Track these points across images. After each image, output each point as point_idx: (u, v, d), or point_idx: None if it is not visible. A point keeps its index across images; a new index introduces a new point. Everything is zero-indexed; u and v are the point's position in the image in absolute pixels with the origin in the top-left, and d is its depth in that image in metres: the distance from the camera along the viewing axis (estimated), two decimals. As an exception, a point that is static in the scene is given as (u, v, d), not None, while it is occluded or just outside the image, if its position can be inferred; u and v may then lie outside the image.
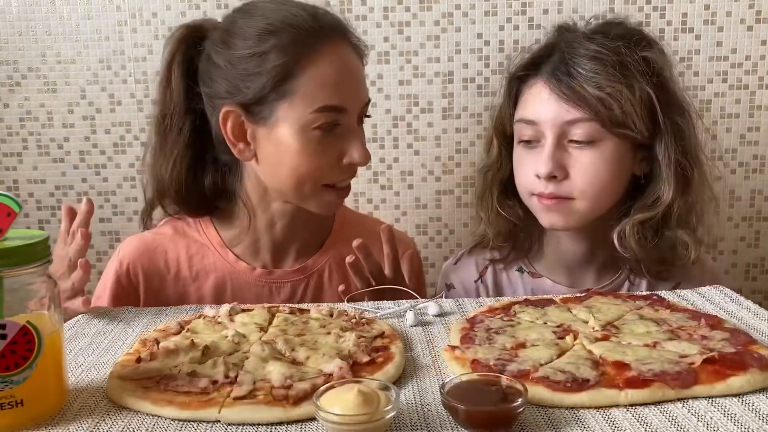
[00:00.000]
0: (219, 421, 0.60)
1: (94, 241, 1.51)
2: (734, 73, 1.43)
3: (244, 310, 0.85)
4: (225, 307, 0.85)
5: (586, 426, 0.58)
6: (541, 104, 0.99)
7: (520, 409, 0.57)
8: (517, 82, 1.05)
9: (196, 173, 1.04)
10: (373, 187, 1.50)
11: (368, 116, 1.03)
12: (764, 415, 0.59)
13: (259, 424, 0.60)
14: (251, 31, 0.94)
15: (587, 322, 0.79)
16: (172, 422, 0.60)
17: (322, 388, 0.60)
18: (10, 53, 1.43)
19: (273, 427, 0.59)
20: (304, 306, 0.90)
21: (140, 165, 1.31)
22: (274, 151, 0.96)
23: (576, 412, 0.60)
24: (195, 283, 1.05)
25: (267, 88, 0.93)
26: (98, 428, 0.59)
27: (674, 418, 0.59)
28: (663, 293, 0.91)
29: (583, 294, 0.91)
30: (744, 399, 0.62)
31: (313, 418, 0.60)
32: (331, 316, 0.84)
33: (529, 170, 1.02)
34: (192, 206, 1.07)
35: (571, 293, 1.06)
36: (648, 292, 0.91)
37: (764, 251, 1.51)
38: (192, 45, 1.01)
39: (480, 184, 1.13)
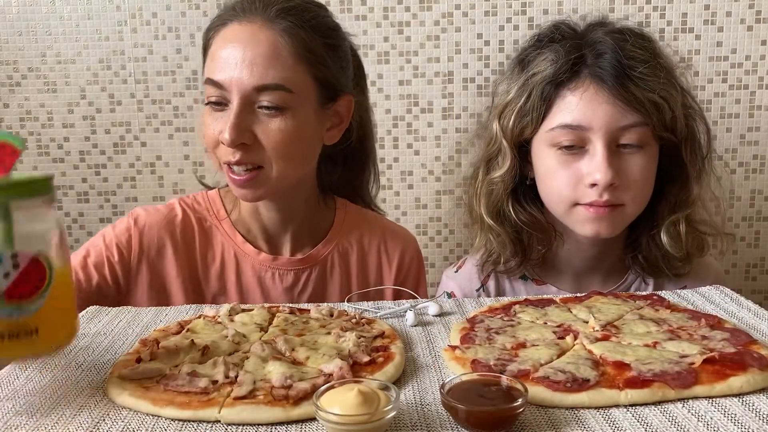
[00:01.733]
0: (219, 421, 0.60)
1: (94, 241, 1.51)
2: (734, 73, 1.43)
3: (244, 310, 0.85)
4: (225, 307, 0.85)
5: (586, 426, 0.58)
6: (594, 108, 0.94)
7: (520, 409, 0.57)
8: (553, 86, 0.97)
9: None
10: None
11: (277, 108, 0.94)
12: (764, 415, 0.59)
13: (259, 424, 0.60)
14: None
15: (587, 322, 0.79)
16: (172, 422, 0.60)
17: (322, 388, 0.60)
18: (10, 53, 1.43)
19: (273, 427, 0.59)
20: (304, 306, 0.90)
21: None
22: None
23: (576, 412, 0.60)
24: (203, 261, 1.06)
25: (203, 61, 1.01)
26: (98, 428, 0.59)
27: (674, 418, 0.59)
28: (663, 293, 0.91)
29: (584, 294, 0.91)
30: (744, 399, 0.62)
31: (313, 418, 0.60)
32: (331, 316, 0.84)
33: (573, 179, 0.96)
34: None
35: None
36: (648, 293, 0.91)
37: (764, 251, 1.51)
38: None
39: (489, 198, 1.06)
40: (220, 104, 0.96)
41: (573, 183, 0.96)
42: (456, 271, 1.16)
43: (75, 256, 1.03)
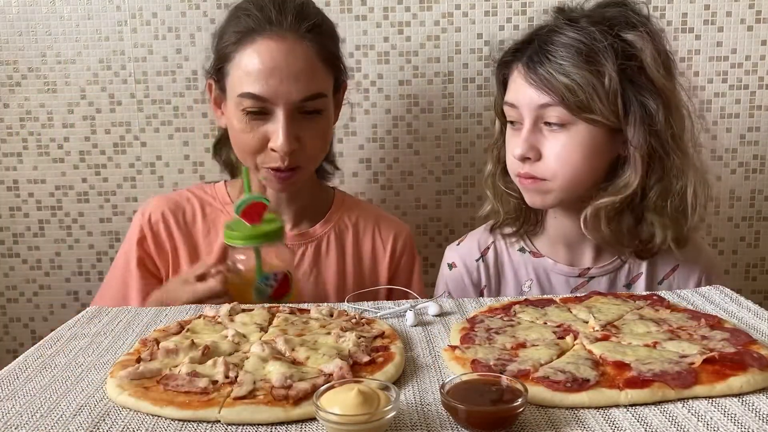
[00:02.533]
0: (219, 421, 0.60)
1: (95, 241, 1.51)
2: (734, 73, 1.43)
3: (244, 310, 0.85)
4: (225, 307, 0.85)
5: (586, 426, 0.58)
6: (518, 89, 1.03)
7: (520, 409, 0.57)
8: (503, 68, 1.08)
9: (222, 138, 1.21)
10: (373, 187, 1.50)
11: (317, 111, 1.06)
12: (764, 415, 0.59)
13: (259, 424, 0.60)
14: (223, 20, 1.10)
15: (587, 322, 0.79)
16: (172, 422, 0.60)
17: (322, 388, 0.60)
18: (10, 53, 1.43)
19: (273, 427, 0.59)
20: (304, 306, 0.90)
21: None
22: (227, 123, 1.10)
23: (576, 412, 0.60)
24: (207, 238, 1.15)
25: (215, 67, 1.08)
26: (98, 428, 0.59)
27: (674, 418, 0.59)
28: (663, 293, 0.91)
29: (584, 294, 0.92)
30: (744, 399, 0.62)
31: (313, 418, 0.60)
32: (331, 316, 0.84)
33: (512, 151, 1.05)
34: (225, 164, 1.23)
35: (571, 272, 1.10)
36: (648, 292, 0.92)
37: (764, 251, 1.51)
38: None
39: (488, 161, 1.16)
40: (261, 113, 1.03)
41: (512, 155, 1.05)
42: (458, 245, 1.21)
43: (115, 271, 1.15)
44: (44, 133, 1.46)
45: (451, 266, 1.18)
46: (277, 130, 1.03)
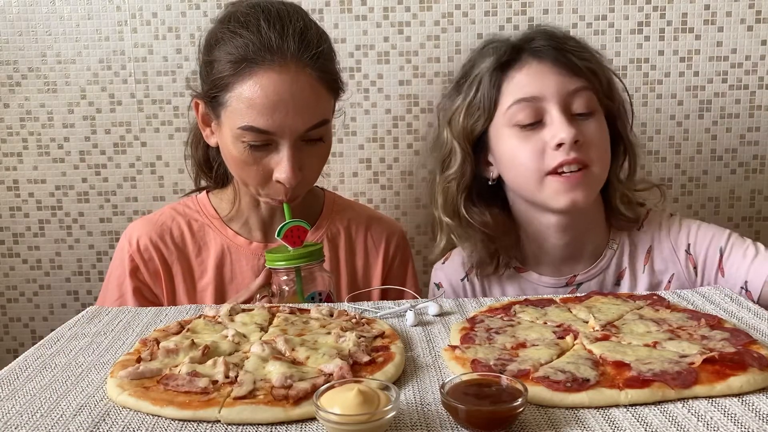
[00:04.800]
0: (219, 420, 0.60)
1: (94, 241, 1.51)
2: (734, 73, 1.43)
3: (244, 310, 0.85)
4: (225, 307, 0.85)
5: (586, 426, 0.58)
6: (542, 78, 1.00)
7: (520, 409, 0.57)
8: (499, 72, 1.02)
9: (207, 150, 1.17)
10: (373, 187, 1.50)
11: (319, 140, 1.02)
12: (764, 415, 0.59)
13: (259, 424, 0.60)
14: (211, 38, 1.02)
15: (587, 322, 0.79)
16: (172, 422, 0.60)
17: (322, 388, 0.60)
18: (10, 53, 1.43)
19: (273, 427, 0.59)
20: (304, 306, 0.90)
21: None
22: (222, 146, 1.06)
23: (576, 412, 0.60)
24: (199, 257, 1.13)
25: (210, 94, 1.01)
26: (98, 428, 0.59)
27: (674, 418, 0.59)
28: (663, 293, 0.91)
29: (584, 294, 0.92)
30: (744, 399, 0.62)
31: (313, 418, 0.60)
32: (331, 316, 0.84)
33: (537, 149, 0.99)
34: (207, 177, 1.19)
35: (557, 282, 1.09)
36: (648, 292, 0.92)
37: (764, 251, 1.51)
38: None
39: (445, 197, 1.09)
40: (264, 145, 0.99)
41: (538, 153, 0.99)
42: (443, 263, 1.19)
43: (109, 301, 1.11)
44: (44, 133, 1.47)
45: (438, 286, 1.17)
46: (281, 162, 0.99)
